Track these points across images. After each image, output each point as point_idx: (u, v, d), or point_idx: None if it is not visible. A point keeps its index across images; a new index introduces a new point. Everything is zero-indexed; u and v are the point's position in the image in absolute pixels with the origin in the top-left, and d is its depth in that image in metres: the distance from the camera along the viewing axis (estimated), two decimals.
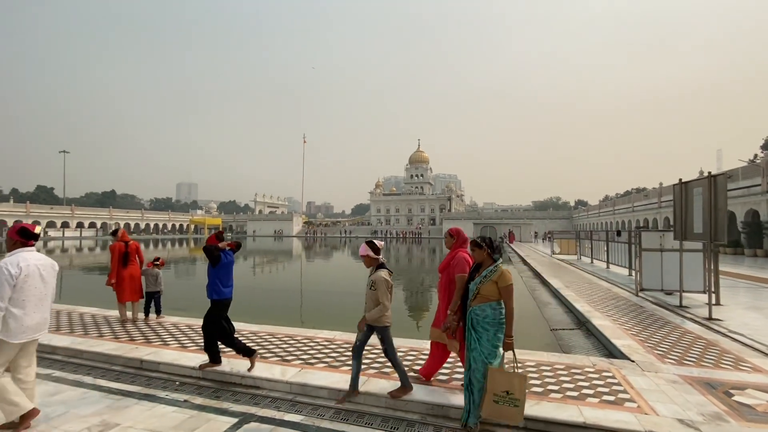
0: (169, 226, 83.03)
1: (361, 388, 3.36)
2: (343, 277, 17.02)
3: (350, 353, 4.21)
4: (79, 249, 34.93)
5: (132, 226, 75.52)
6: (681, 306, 7.19)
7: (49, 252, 29.93)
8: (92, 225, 68.95)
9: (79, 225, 66.58)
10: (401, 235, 72.17)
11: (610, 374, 3.72)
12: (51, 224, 62.53)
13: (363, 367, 3.70)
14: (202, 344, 4.00)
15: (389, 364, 3.56)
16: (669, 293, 8.28)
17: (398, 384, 3.31)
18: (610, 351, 4.84)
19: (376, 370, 3.83)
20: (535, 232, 58.91)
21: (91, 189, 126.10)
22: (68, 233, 62.24)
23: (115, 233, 6.10)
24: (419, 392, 3.30)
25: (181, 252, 32.23)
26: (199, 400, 3.38)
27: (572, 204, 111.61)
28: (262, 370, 3.80)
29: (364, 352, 3.89)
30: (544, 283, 11.03)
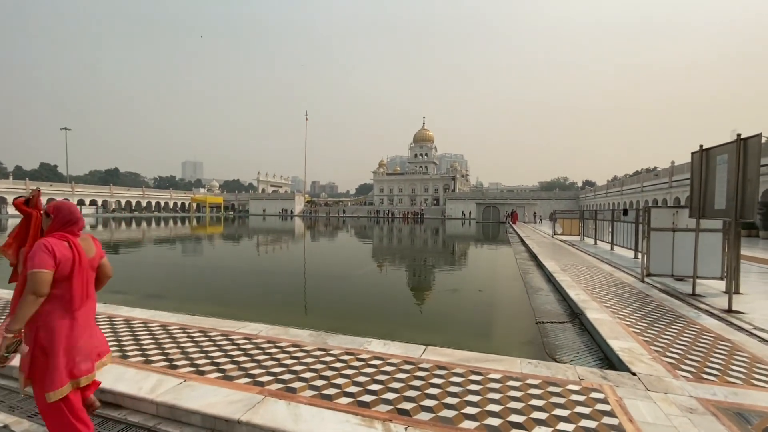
0: (171, 205, 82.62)
1: None
2: (324, 259, 16.12)
3: (266, 355, 3.23)
4: None
5: (133, 203, 75.37)
6: (694, 294, 6.14)
7: None
8: (93, 203, 68.74)
9: (80, 203, 66.29)
10: (403, 216, 71.10)
11: (600, 396, 2.70)
12: (50, 201, 62.39)
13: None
14: None
15: None
16: (679, 279, 7.23)
17: None
18: (606, 354, 3.83)
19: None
20: (535, 213, 57.54)
21: (96, 167, 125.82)
22: None
23: (28, 202, 5.11)
24: None
25: (176, 230, 31.54)
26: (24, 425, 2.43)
27: (580, 185, 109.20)
28: (134, 380, 2.84)
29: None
30: (540, 266, 9.99)
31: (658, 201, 36.98)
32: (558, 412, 2.48)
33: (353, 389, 2.74)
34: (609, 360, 3.68)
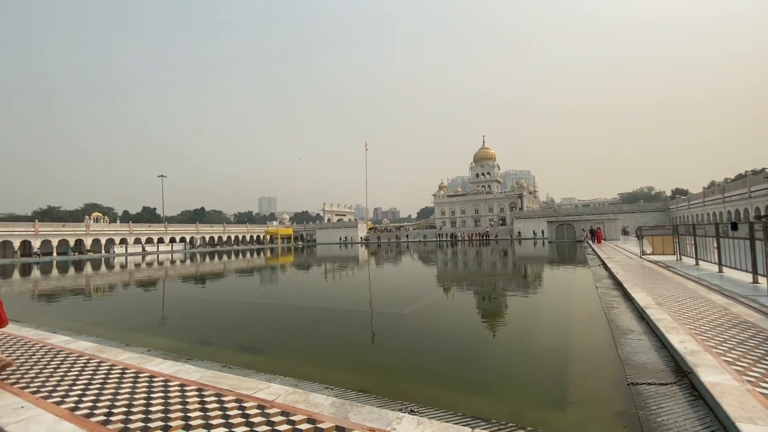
0: (248, 238, 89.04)
1: None
2: (375, 291, 15.55)
3: None
4: (160, 262, 38.20)
5: (216, 238, 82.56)
6: None
7: (148, 264, 33.08)
8: (182, 239, 76.52)
9: (172, 240, 74.26)
10: (467, 238, 68.58)
11: None
12: (149, 240, 70.72)
13: None
14: None
15: None
16: None
17: None
18: None
19: None
20: (624, 228, 51.78)
21: (186, 207, 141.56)
22: (162, 248, 69.85)
23: None
24: None
25: (249, 261, 33.46)
26: None
27: (668, 194, 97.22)
28: None
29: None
30: (627, 296, 8.39)
31: None
32: None
33: None
34: None
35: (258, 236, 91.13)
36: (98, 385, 3.98)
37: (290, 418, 3.05)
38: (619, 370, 4.37)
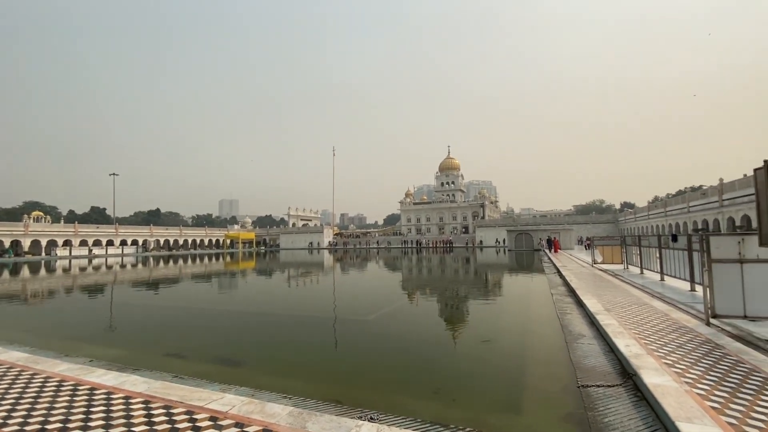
0: (206, 242, 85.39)
1: None
2: (339, 297, 15.44)
3: None
4: (109, 266, 35.77)
5: (171, 242, 78.53)
6: None
7: (95, 269, 30.72)
8: (134, 242, 72.14)
9: (123, 243, 69.81)
10: (432, 245, 69.70)
11: None
12: (97, 243, 66.05)
13: None
14: None
15: None
16: (754, 319, 5.99)
17: None
18: None
19: None
20: (581, 238, 54.62)
21: (140, 208, 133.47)
22: (112, 251, 65.46)
23: None
24: None
25: (208, 267, 32.01)
26: None
27: (617, 207, 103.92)
28: None
29: None
30: (580, 303, 8.82)
31: (708, 222, 34.06)
32: None
33: None
34: None
35: (218, 240, 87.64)
36: (30, 400, 3.62)
37: (244, 429, 2.91)
38: (571, 373, 4.57)
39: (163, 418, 3.16)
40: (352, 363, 5.98)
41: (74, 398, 3.64)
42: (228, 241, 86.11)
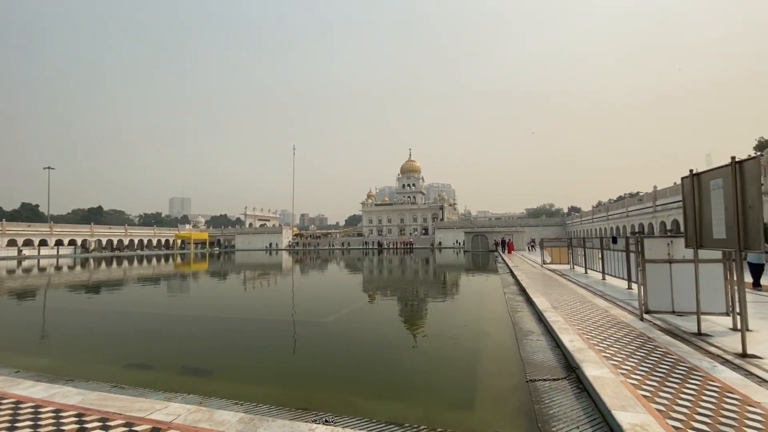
0: (155, 242, 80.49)
1: None
2: (297, 299, 15.19)
3: None
4: (42, 268, 32.71)
5: (115, 242, 73.27)
6: (700, 334, 5.51)
7: (26, 271, 27.81)
8: (72, 242, 66.53)
9: (59, 243, 64.14)
10: (392, 246, 70.32)
11: None
12: (28, 242, 60.20)
13: None
14: None
15: None
16: (681, 314, 6.60)
17: None
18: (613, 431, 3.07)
19: None
20: (533, 241, 57.36)
21: (79, 205, 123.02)
22: (46, 251, 59.90)
23: None
24: None
25: (155, 269, 30.11)
26: None
27: (565, 211, 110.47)
28: None
29: None
30: (530, 301, 9.26)
31: (645, 225, 37.06)
32: None
33: None
34: None
35: (167, 240, 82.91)
36: None
37: None
38: (521, 369, 4.78)
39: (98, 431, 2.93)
40: (309, 366, 5.87)
41: None
42: (179, 242, 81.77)
